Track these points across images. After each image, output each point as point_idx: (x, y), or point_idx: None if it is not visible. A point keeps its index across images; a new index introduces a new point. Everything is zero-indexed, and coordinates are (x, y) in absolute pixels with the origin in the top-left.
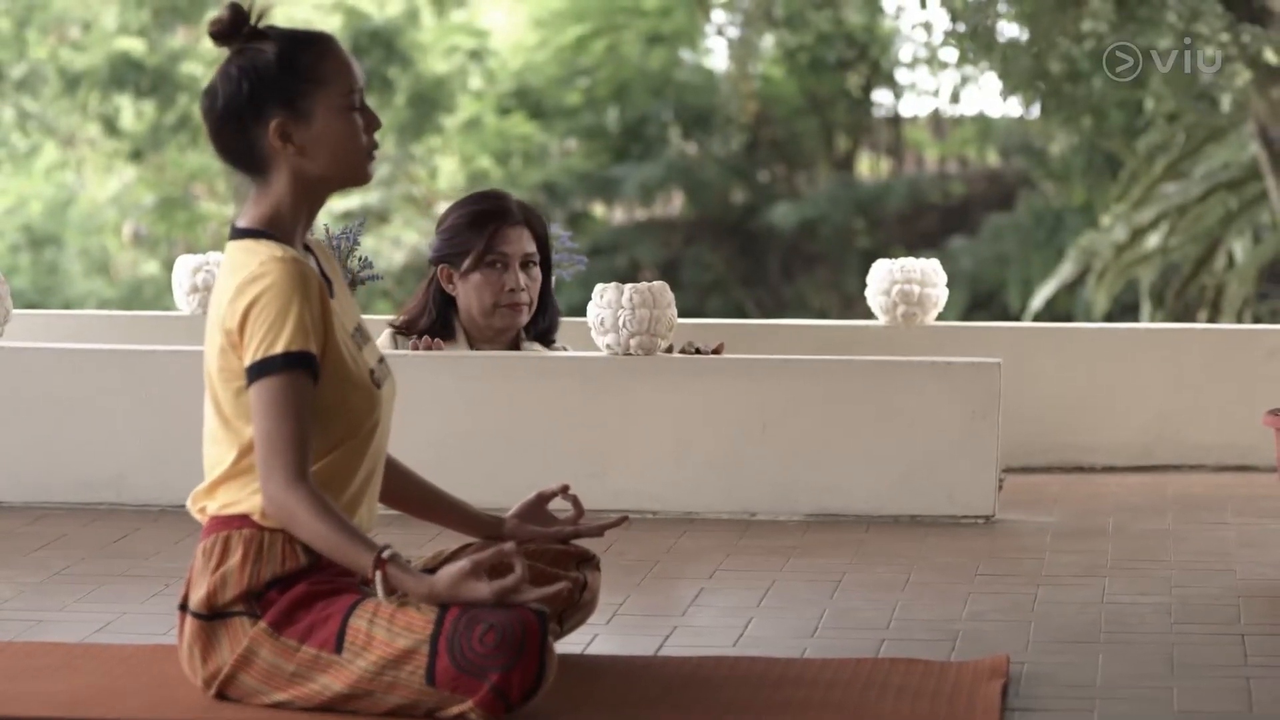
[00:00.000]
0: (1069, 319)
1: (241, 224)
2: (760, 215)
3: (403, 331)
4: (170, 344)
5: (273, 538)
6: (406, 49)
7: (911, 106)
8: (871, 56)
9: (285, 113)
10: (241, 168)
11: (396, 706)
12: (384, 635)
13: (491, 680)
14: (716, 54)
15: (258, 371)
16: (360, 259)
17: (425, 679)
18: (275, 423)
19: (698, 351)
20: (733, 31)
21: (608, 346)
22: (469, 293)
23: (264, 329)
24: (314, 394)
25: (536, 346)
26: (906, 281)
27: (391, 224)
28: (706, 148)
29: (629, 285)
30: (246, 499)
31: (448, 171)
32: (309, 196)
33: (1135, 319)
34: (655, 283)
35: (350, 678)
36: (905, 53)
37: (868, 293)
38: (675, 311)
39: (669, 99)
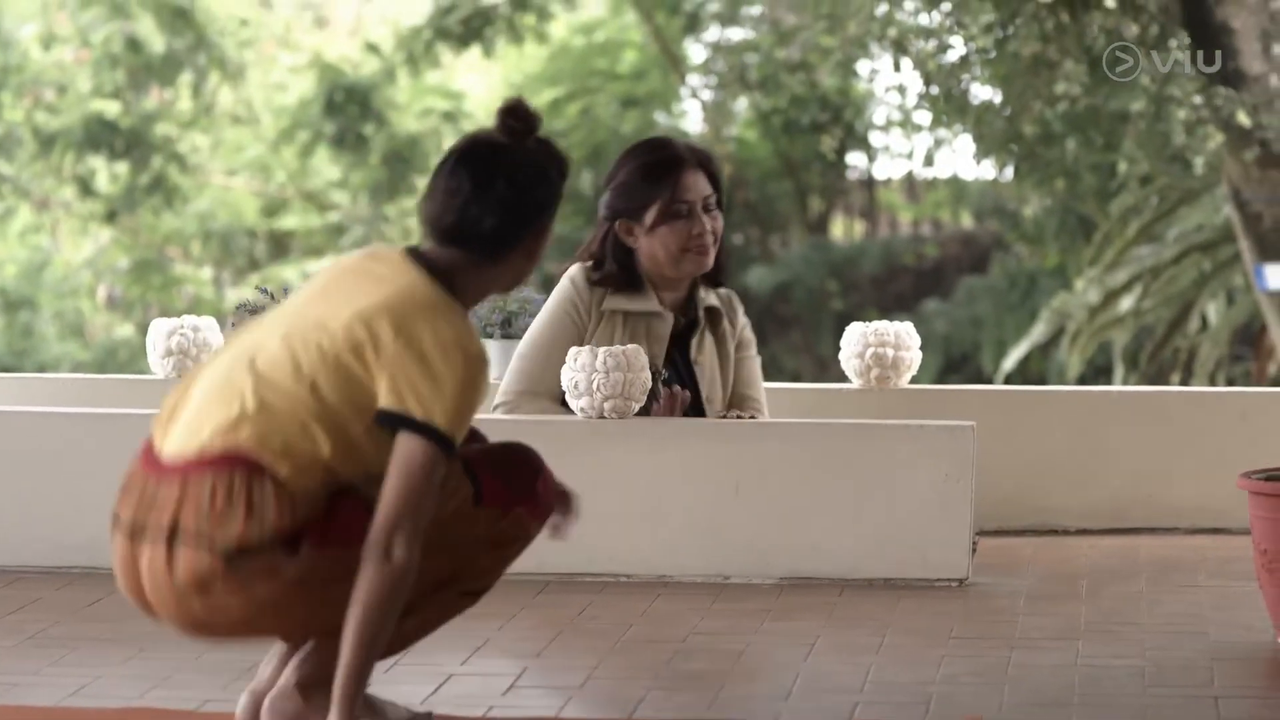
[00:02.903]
0: (1042, 382)
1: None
2: (734, 278)
3: (599, 283)
4: (144, 407)
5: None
6: (381, 107)
7: (885, 169)
8: (845, 119)
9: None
10: (475, 248)
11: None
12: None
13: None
14: (691, 117)
15: (419, 428)
16: None
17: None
18: (422, 491)
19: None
20: (707, 94)
21: (582, 410)
22: (653, 244)
23: (448, 394)
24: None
25: (711, 297)
26: (880, 344)
27: None
28: None
29: (603, 349)
30: (308, 466)
31: (420, 232)
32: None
33: (1109, 382)
34: (629, 346)
35: None
36: (879, 115)
37: (841, 356)
38: (649, 375)
39: None
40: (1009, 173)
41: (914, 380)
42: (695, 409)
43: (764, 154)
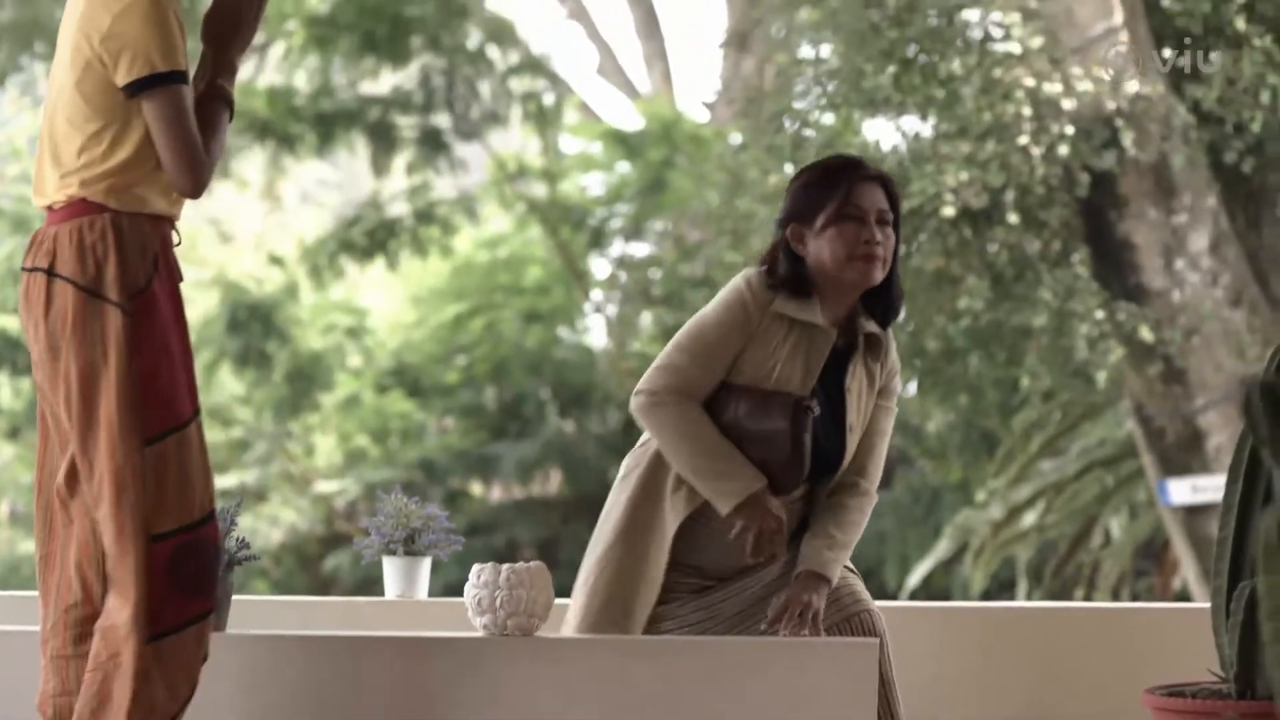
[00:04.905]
0: (946, 597)
1: None
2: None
3: (772, 288)
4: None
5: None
6: (285, 324)
7: None
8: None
9: None
10: None
11: None
12: None
13: None
14: (595, 332)
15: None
16: (237, 539)
17: None
18: (185, 126)
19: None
20: (611, 309)
21: (484, 627)
22: (821, 248)
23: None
24: None
25: (872, 325)
26: None
27: (269, 502)
28: (584, 426)
29: (506, 565)
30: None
31: (325, 449)
32: None
33: (1012, 597)
34: (533, 563)
35: None
36: None
37: None
38: (553, 592)
39: (547, 377)
40: (912, 388)
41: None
42: (838, 435)
43: None
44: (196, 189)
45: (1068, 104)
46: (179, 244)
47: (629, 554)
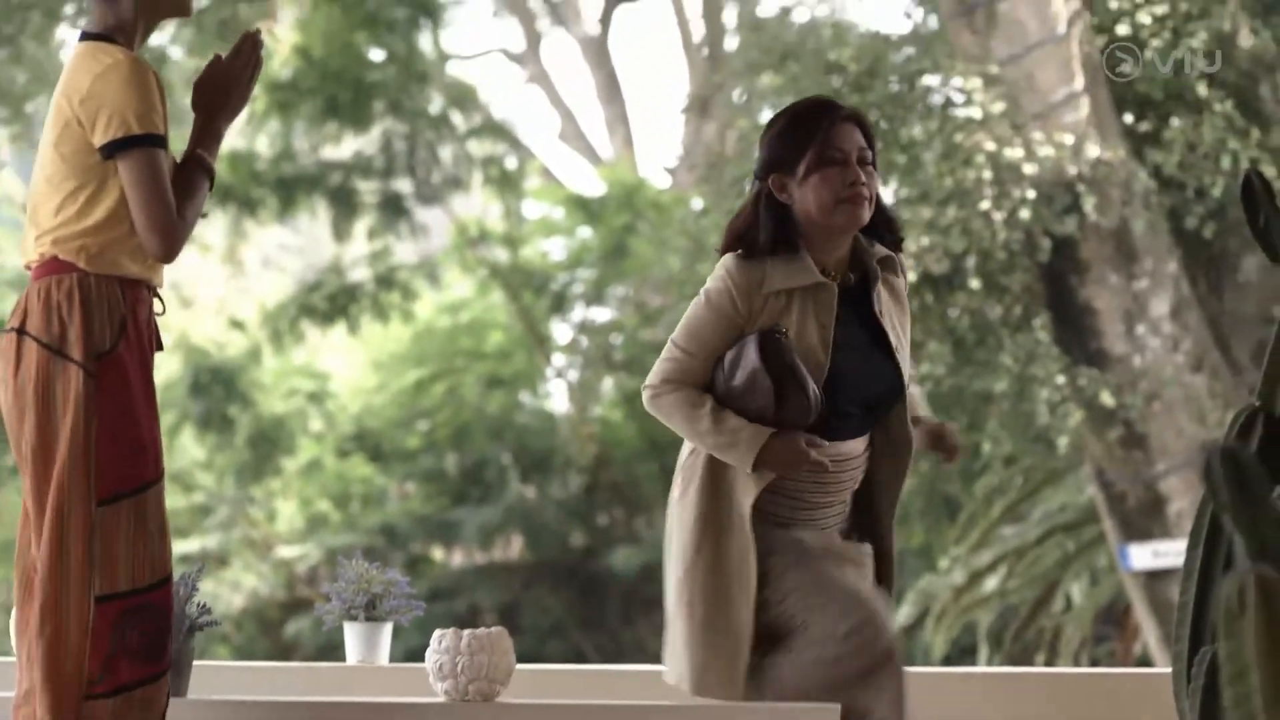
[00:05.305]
0: (908, 662)
1: None
2: (600, 559)
3: (746, 256)
4: (5, 689)
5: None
6: (247, 388)
7: None
8: None
9: None
10: None
11: None
12: None
13: None
14: (556, 397)
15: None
16: (198, 605)
17: None
18: (158, 190)
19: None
20: (573, 374)
21: (445, 693)
22: (806, 195)
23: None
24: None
25: (881, 248)
26: None
27: (230, 567)
28: (545, 491)
29: (467, 631)
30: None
31: (286, 514)
32: None
33: (973, 662)
34: (494, 628)
35: None
36: None
37: None
38: (514, 658)
39: (508, 442)
40: None
41: None
42: (890, 362)
43: (629, 434)
44: (168, 253)
45: (1029, 169)
46: (162, 313)
47: (715, 552)
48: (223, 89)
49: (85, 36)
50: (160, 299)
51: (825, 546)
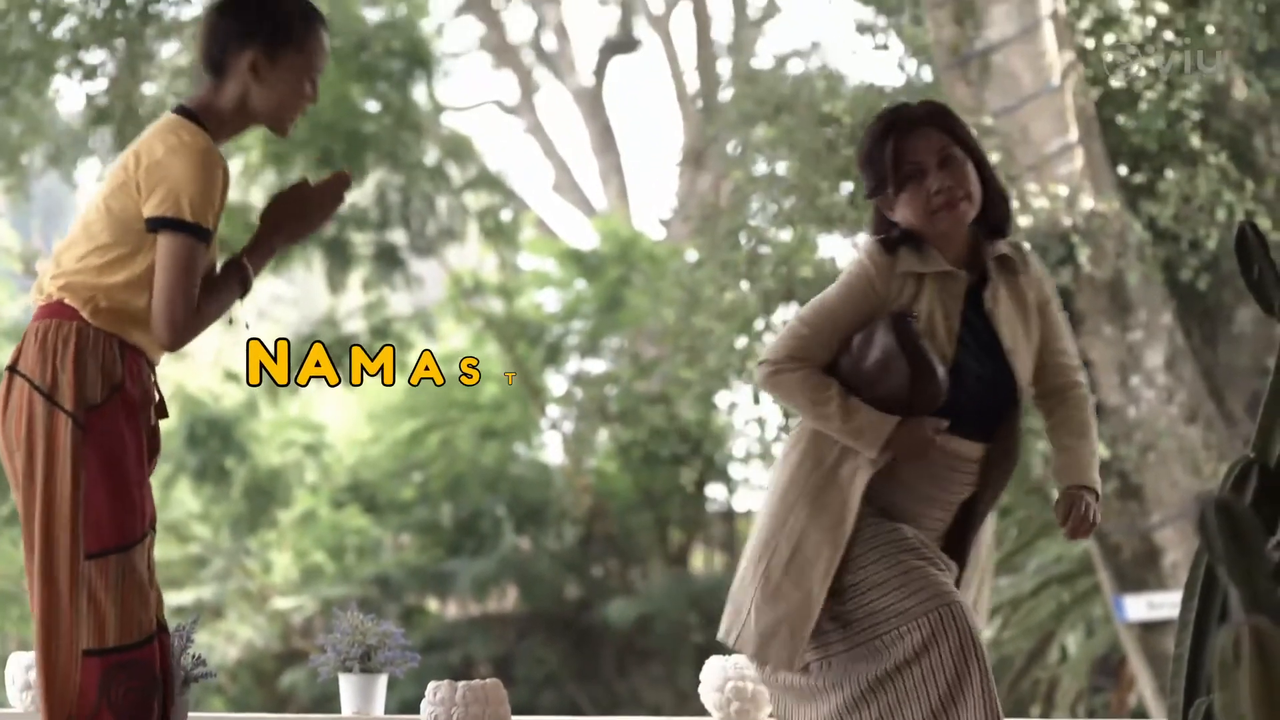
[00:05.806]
0: None
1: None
2: (594, 610)
3: (891, 250)
4: None
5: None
6: (243, 440)
7: (746, 501)
8: (705, 451)
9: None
10: (208, 69)
11: None
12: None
13: None
14: (551, 448)
15: (168, 224)
16: (194, 656)
17: None
18: (184, 276)
19: None
20: (567, 426)
21: None
22: (904, 212)
23: (186, 186)
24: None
25: (1003, 246)
26: (740, 678)
27: (226, 619)
28: (540, 542)
29: (462, 683)
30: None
31: (282, 565)
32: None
33: None
34: (489, 680)
35: None
36: (739, 448)
37: (701, 689)
38: (509, 709)
39: (503, 493)
40: None
41: (773, 714)
42: (1001, 363)
43: (624, 486)
44: (173, 343)
45: (1024, 221)
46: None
47: (805, 525)
48: (297, 215)
49: (179, 110)
50: (154, 370)
51: (924, 544)
